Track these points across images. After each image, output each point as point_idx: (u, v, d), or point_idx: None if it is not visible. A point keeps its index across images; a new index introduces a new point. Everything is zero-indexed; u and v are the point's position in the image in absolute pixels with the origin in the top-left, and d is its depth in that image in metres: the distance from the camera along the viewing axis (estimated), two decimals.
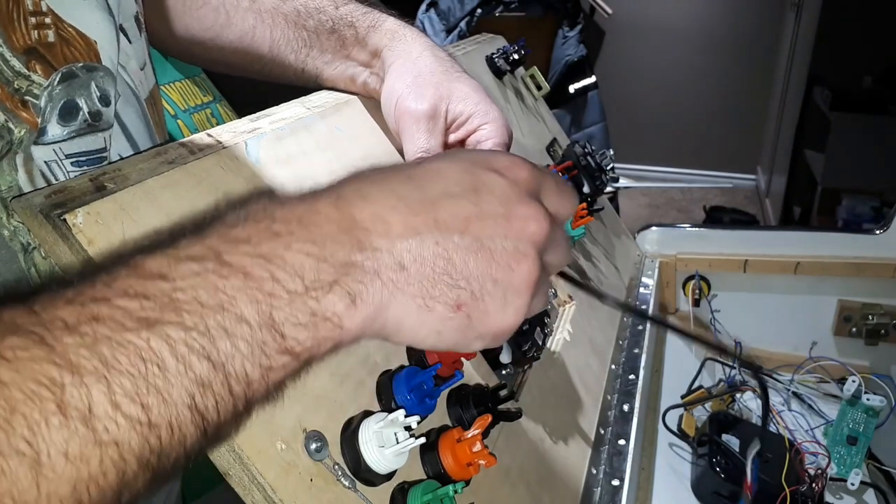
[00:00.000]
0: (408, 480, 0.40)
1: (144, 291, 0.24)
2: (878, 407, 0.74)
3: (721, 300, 0.98)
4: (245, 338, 0.25)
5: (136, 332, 0.23)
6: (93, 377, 0.21)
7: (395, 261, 0.30)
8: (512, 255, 0.32)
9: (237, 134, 0.43)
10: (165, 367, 0.23)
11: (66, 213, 0.31)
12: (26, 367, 0.20)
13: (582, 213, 0.73)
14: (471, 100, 0.52)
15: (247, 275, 0.26)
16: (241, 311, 0.25)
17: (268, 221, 0.28)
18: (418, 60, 0.53)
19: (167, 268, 0.25)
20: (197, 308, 0.24)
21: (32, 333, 0.21)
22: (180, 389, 0.23)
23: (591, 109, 2.47)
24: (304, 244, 0.28)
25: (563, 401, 0.64)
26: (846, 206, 2.61)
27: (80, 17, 0.38)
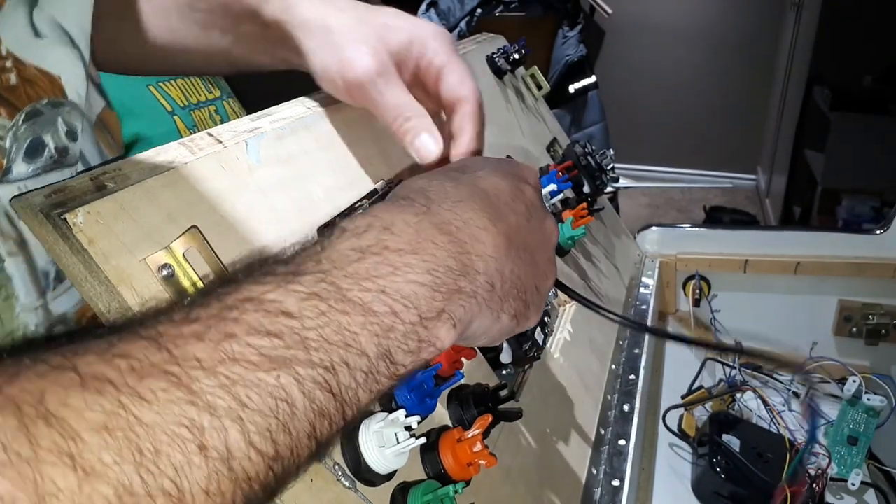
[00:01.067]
0: (408, 480, 0.40)
1: (274, 329, 0.24)
2: (878, 407, 0.74)
3: (721, 300, 0.98)
4: (363, 369, 0.27)
5: (268, 371, 0.23)
6: (229, 418, 0.22)
7: (487, 280, 0.32)
8: (547, 265, 0.37)
9: (238, 133, 0.43)
10: (294, 403, 0.24)
11: (66, 213, 0.31)
12: (168, 410, 0.21)
13: (582, 212, 0.73)
14: (400, 28, 0.47)
15: (369, 311, 0.27)
16: (362, 346, 0.27)
17: (385, 253, 0.29)
18: (327, 25, 0.47)
19: (294, 305, 0.26)
20: (324, 345, 0.25)
21: (170, 375, 0.21)
22: (304, 422, 0.24)
23: (591, 109, 2.47)
24: (420, 275, 0.29)
25: (564, 401, 0.64)
26: (846, 206, 2.61)
27: (42, 55, 0.37)
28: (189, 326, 0.23)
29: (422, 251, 0.30)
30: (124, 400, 0.20)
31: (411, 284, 0.29)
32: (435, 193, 0.34)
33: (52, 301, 0.37)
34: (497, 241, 0.33)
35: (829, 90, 2.62)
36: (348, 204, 0.46)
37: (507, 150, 0.74)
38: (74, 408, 0.19)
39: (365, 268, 0.28)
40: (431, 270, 0.30)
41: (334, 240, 0.30)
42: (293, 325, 0.25)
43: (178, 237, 0.34)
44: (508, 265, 0.33)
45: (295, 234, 0.42)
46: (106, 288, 0.31)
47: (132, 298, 0.32)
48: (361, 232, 0.30)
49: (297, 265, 0.28)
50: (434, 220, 0.32)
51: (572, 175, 0.77)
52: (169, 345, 0.22)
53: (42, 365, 0.20)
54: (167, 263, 0.33)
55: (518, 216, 0.35)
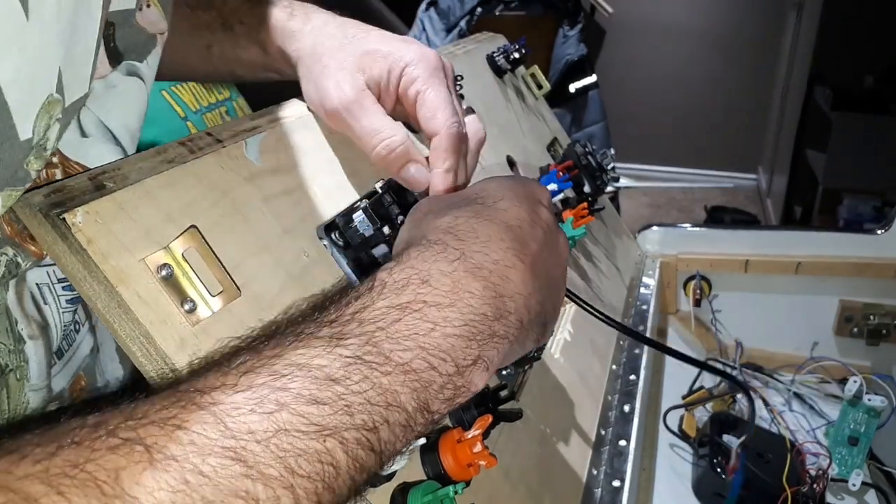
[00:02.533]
0: (408, 481, 0.40)
1: (322, 397, 0.26)
2: (879, 407, 0.74)
3: (722, 300, 0.98)
4: (401, 423, 0.28)
5: (316, 438, 0.25)
6: (281, 486, 0.23)
7: (518, 319, 0.33)
8: (561, 283, 0.38)
9: (237, 133, 0.43)
10: (338, 465, 0.25)
11: (65, 212, 0.31)
12: (226, 485, 0.22)
13: (583, 212, 0.73)
14: (382, 55, 0.46)
15: (408, 370, 0.29)
16: (402, 403, 0.28)
17: (424, 309, 0.30)
18: (315, 52, 0.47)
19: (340, 371, 0.27)
20: (367, 408, 0.27)
21: (228, 450, 0.23)
22: (346, 479, 0.26)
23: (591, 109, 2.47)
24: (457, 327, 0.30)
25: (564, 401, 0.64)
26: (847, 206, 2.61)
27: (85, 152, 0.38)
28: (242, 394, 0.25)
29: (459, 303, 0.31)
30: (189, 477, 0.22)
31: (449, 338, 0.30)
32: (464, 234, 0.35)
33: (53, 378, 0.38)
34: (525, 276, 0.34)
35: (831, 90, 2.62)
36: (348, 204, 0.46)
37: (508, 150, 0.74)
38: (146, 487, 0.21)
39: (405, 326, 0.29)
40: (469, 321, 0.31)
41: (375, 296, 0.31)
42: (339, 390, 0.26)
43: (177, 237, 0.34)
44: (535, 297, 0.35)
45: (294, 234, 0.42)
46: (105, 288, 0.31)
47: (131, 298, 0.31)
48: (400, 288, 0.31)
49: (341, 326, 0.29)
50: (468, 267, 0.33)
51: (573, 175, 0.76)
52: (224, 417, 0.24)
53: (113, 438, 0.22)
54: (166, 263, 0.33)
55: (538, 243, 0.36)
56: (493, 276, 0.33)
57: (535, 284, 0.35)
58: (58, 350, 0.38)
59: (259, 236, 0.39)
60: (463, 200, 0.39)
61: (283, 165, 0.44)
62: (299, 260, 0.41)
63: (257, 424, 0.24)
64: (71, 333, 0.39)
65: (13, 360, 0.35)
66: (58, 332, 0.37)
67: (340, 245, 0.43)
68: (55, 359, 0.38)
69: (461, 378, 0.30)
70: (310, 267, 0.41)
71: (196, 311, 0.34)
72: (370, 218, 0.44)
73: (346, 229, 0.43)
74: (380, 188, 0.47)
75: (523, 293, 0.34)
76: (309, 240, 0.43)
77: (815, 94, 2.78)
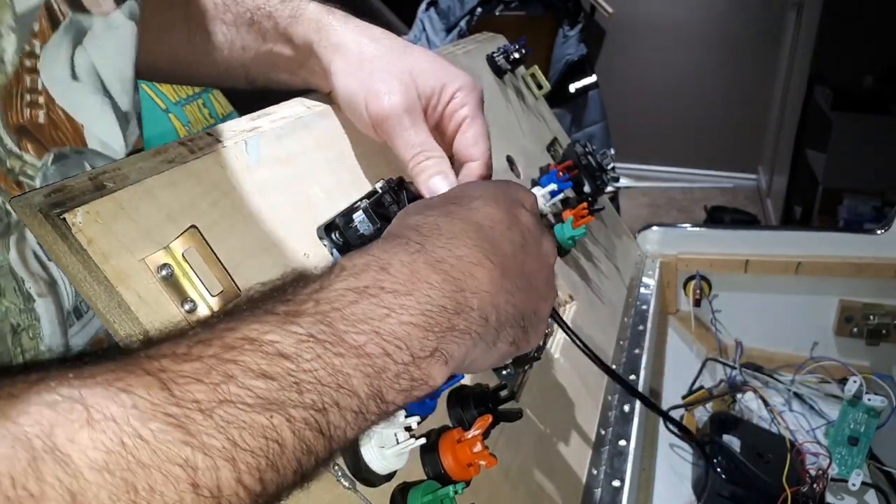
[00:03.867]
0: (408, 481, 0.40)
1: (269, 371, 0.25)
2: (879, 407, 0.74)
3: (722, 300, 0.98)
4: (353, 409, 0.27)
5: (262, 412, 0.24)
6: (222, 458, 0.23)
7: (482, 316, 0.33)
8: (545, 288, 0.38)
9: (237, 133, 0.43)
10: (284, 443, 0.25)
11: (65, 212, 0.31)
12: (164, 450, 0.22)
13: (582, 212, 0.73)
14: (434, 73, 0.48)
15: (362, 353, 0.28)
16: (354, 387, 0.27)
17: (381, 294, 0.30)
18: (361, 51, 0.48)
19: (291, 347, 0.26)
20: (317, 387, 0.26)
21: (170, 416, 0.23)
22: (292, 460, 0.25)
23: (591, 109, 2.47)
24: (414, 316, 0.30)
25: (564, 401, 0.64)
26: (847, 206, 2.61)
27: (73, 100, 0.37)
28: (190, 364, 0.24)
29: (416, 292, 0.31)
30: (126, 440, 0.22)
31: (405, 326, 0.30)
32: (428, 230, 0.34)
33: (71, 338, 0.38)
34: (492, 274, 0.34)
35: (831, 90, 2.62)
36: (348, 204, 0.46)
37: (508, 151, 0.74)
38: (80, 445, 0.21)
39: (361, 310, 0.29)
40: (426, 311, 0.30)
41: (333, 278, 0.30)
42: (289, 366, 0.26)
43: (177, 237, 0.34)
44: (503, 297, 0.34)
45: (294, 234, 0.42)
46: (105, 288, 0.31)
47: (131, 298, 0.31)
48: (359, 272, 0.31)
49: (297, 304, 0.29)
50: (428, 259, 0.32)
51: (573, 175, 0.76)
52: (171, 384, 0.23)
53: (52, 394, 0.22)
54: (166, 263, 0.33)
55: (513, 245, 0.36)
56: (454, 271, 0.33)
57: (506, 285, 0.34)
58: (75, 309, 0.38)
59: (259, 236, 0.39)
60: (440, 201, 0.39)
61: (283, 166, 0.44)
62: (299, 260, 0.41)
63: (203, 394, 0.24)
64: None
65: (24, 319, 0.35)
66: (68, 289, 0.37)
67: (341, 245, 0.43)
68: (73, 319, 0.38)
69: (418, 369, 0.30)
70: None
71: (196, 311, 0.34)
72: (370, 218, 0.44)
73: (347, 229, 0.43)
74: (380, 188, 0.47)
75: (489, 291, 0.33)
76: (309, 240, 0.43)
77: (814, 93, 2.78)
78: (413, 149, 0.46)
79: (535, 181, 0.75)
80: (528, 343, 0.37)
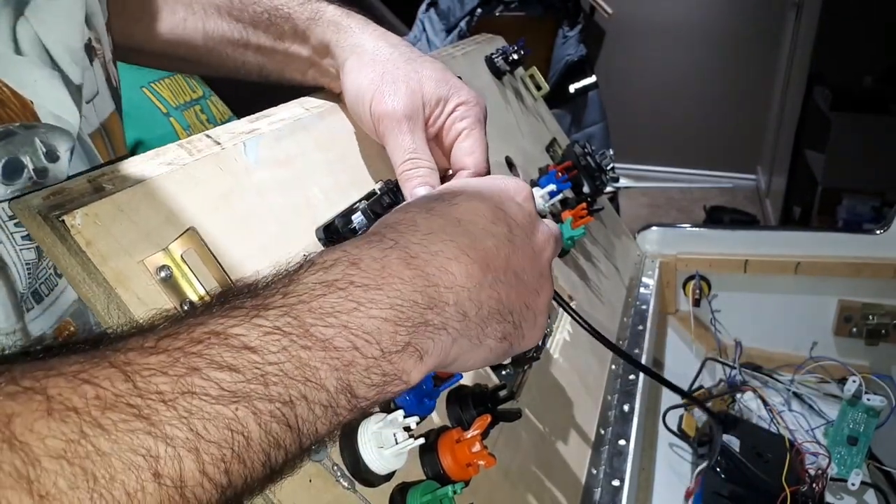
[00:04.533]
0: (407, 481, 0.40)
1: (234, 363, 0.25)
2: (878, 407, 0.74)
3: (721, 300, 0.98)
4: (322, 402, 0.27)
5: (227, 404, 0.24)
6: (185, 448, 0.23)
7: (459, 311, 0.32)
8: (538, 282, 0.37)
9: (236, 135, 0.43)
10: (249, 435, 0.25)
11: (64, 215, 0.31)
12: (125, 439, 0.22)
13: (582, 213, 0.73)
14: (441, 83, 0.49)
15: (329, 346, 0.28)
16: (321, 380, 0.27)
17: (349, 288, 0.30)
18: (376, 54, 0.50)
19: (256, 340, 0.26)
20: (283, 380, 0.26)
21: (131, 406, 0.23)
22: (259, 452, 0.25)
23: (591, 109, 2.47)
24: (383, 310, 0.30)
25: (563, 401, 0.64)
26: (846, 206, 2.61)
27: (18, 76, 0.36)
28: (156, 357, 0.24)
29: (386, 286, 0.30)
30: (86, 429, 0.22)
31: (374, 320, 0.29)
32: (405, 227, 0.34)
33: (31, 322, 0.37)
34: (470, 269, 0.33)
35: (830, 90, 2.62)
36: (347, 205, 0.46)
37: (506, 151, 0.74)
38: (38, 434, 0.21)
39: (329, 303, 0.29)
40: (395, 305, 0.30)
41: (302, 273, 0.30)
42: (254, 359, 0.26)
43: (176, 239, 0.34)
44: (485, 291, 0.34)
45: (293, 235, 0.42)
46: (104, 290, 0.31)
47: (130, 300, 0.32)
48: (329, 266, 0.31)
49: (264, 298, 0.28)
50: (401, 255, 0.32)
51: (572, 175, 0.77)
52: (135, 376, 0.23)
53: (13, 385, 0.22)
54: (165, 265, 0.33)
55: (497, 239, 0.35)
56: (427, 266, 0.32)
57: (488, 279, 0.34)
58: (34, 293, 0.38)
59: (258, 238, 0.39)
60: (423, 200, 0.39)
61: (282, 167, 0.44)
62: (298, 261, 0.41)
63: (167, 386, 0.24)
64: (51, 278, 0.39)
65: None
66: (20, 272, 0.37)
67: None
68: (31, 302, 0.38)
69: (389, 364, 0.29)
70: None
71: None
72: (369, 219, 0.44)
73: (345, 230, 0.44)
74: (378, 189, 0.47)
75: (467, 286, 0.33)
76: (308, 241, 0.43)
77: (814, 94, 2.78)
78: (406, 153, 0.47)
79: (534, 182, 0.75)
80: (523, 339, 0.36)
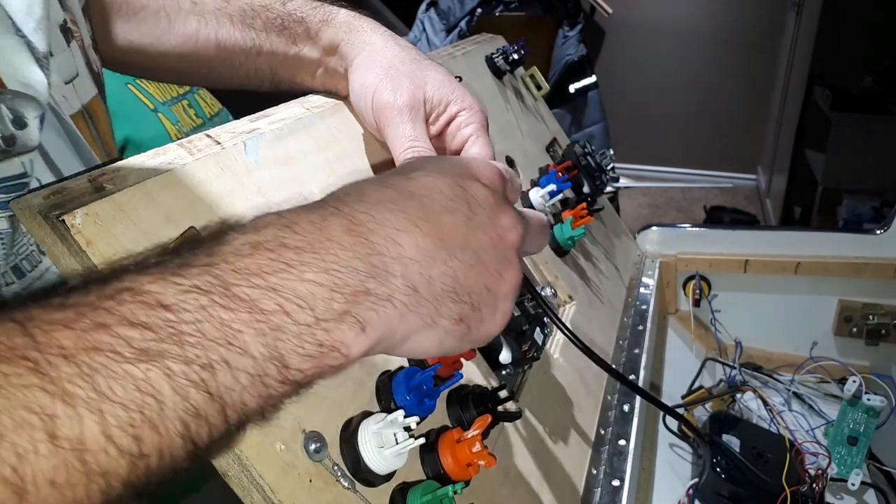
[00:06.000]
0: (407, 481, 0.40)
1: (147, 321, 0.23)
2: (878, 407, 0.74)
3: (721, 300, 0.98)
4: (247, 370, 0.25)
5: (136, 363, 0.22)
6: (86, 408, 0.21)
7: (407, 284, 0.30)
8: (500, 263, 0.34)
9: (236, 135, 0.43)
10: (162, 399, 0.23)
11: (64, 214, 0.31)
12: (17, 395, 0.20)
13: (582, 213, 0.73)
14: (445, 87, 0.50)
15: (255, 308, 0.25)
16: (246, 344, 0.25)
17: (280, 250, 0.27)
18: (384, 51, 0.51)
19: (172, 297, 0.24)
20: (200, 341, 0.24)
21: (26, 360, 0.21)
22: (175, 421, 0.23)
23: (591, 109, 2.47)
24: (317, 274, 0.27)
25: (563, 401, 0.64)
26: (847, 206, 2.61)
27: None
28: (61, 313, 0.23)
29: (323, 251, 0.28)
30: None
31: (307, 283, 0.27)
32: (353, 197, 0.32)
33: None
34: (420, 242, 0.31)
35: (830, 90, 2.62)
36: None
37: (507, 151, 0.74)
38: None
39: (256, 263, 0.26)
40: (331, 270, 0.28)
41: (231, 234, 0.28)
42: (169, 317, 0.24)
43: (176, 238, 0.34)
44: (438, 267, 0.32)
45: None
46: None
47: None
48: (260, 228, 0.28)
49: (187, 257, 0.26)
50: (343, 222, 0.30)
51: (572, 175, 0.77)
52: (34, 330, 0.22)
53: None
54: None
55: (455, 216, 0.33)
56: (372, 235, 0.30)
57: (441, 255, 0.32)
58: (14, 268, 0.37)
59: None
60: (380, 174, 0.37)
61: (282, 167, 0.44)
62: None
63: (69, 341, 0.22)
64: (34, 255, 0.39)
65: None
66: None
67: None
68: (12, 277, 0.37)
69: (324, 333, 0.27)
70: None
71: None
72: None
73: None
74: None
75: (417, 259, 0.31)
76: None
77: (814, 94, 2.78)
78: (406, 141, 0.47)
79: (534, 182, 0.75)
80: (482, 323, 0.34)
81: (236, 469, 0.33)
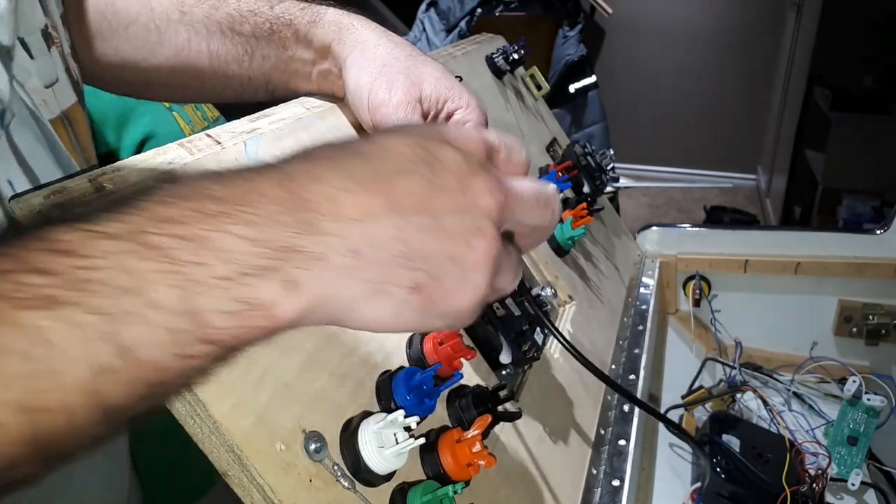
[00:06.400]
0: (407, 481, 0.40)
1: (49, 267, 0.22)
2: (878, 407, 0.74)
3: (721, 300, 0.98)
4: (159, 324, 0.23)
5: (33, 310, 0.21)
6: None
7: (348, 246, 0.28)
8: (469, 231, 0.31)
9: (236, 134, 0.43)
10: (65, 351, 0.21)
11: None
12: None
13: (582, 213, 0.73)
14: (442, 83, 0.49)
15: (168, 257, 0.24)
16: (157, 296, 0.23)
17: (205, 201, 0.25)
18: (377, 49, 0.50)
19: (76, 244, 0.23)
20: (105, 290, 0.22)
21: None
22: (78, 375, 0.22)
23: (591, 109, 2.47)
24: (240, 227, 0.25)
25: (563, 401, 0.64)
26: (847, 206, 2.61)
27: None
28: None
29: (249, 204, 0.26)
30: None
31: (227, 235, 0.25)
32: (300, 157, 0.29)
33: None
34: (368, 202, 0.28)
35: (830, 90, 2.62)
36: None
37: None
38: None
39: (173, 213, 0.25)
40: (255, 223, 0.26)
41: (158, 187, 0.26)
42: (71, 263, 0.22)
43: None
44: (386, 230, 0.29)
45: None
46: None
47: None
48: (186, 181, 0.26)
49: (108, 206, 0.25)
50: (276, 177, 0.27)
51: (572, 175, 0.77)
52: None
53: None
54: None
55: (413, 177, 0.30)
56: (306, 192, 0.27)
57: (393, 219, 0.29)
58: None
59: None
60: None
61: None
62: None
63: None
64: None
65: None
66: None
67: None
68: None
69: (247, 289, 0.25)
70: None
71: None
72: None
73: None
74: None
75: (359, 219, 0.28)
76: None
77: (814, 94, 2.78)
78: None
79: None
80: (447, 294, 0.30)
81: (236, 469, 0.33)
